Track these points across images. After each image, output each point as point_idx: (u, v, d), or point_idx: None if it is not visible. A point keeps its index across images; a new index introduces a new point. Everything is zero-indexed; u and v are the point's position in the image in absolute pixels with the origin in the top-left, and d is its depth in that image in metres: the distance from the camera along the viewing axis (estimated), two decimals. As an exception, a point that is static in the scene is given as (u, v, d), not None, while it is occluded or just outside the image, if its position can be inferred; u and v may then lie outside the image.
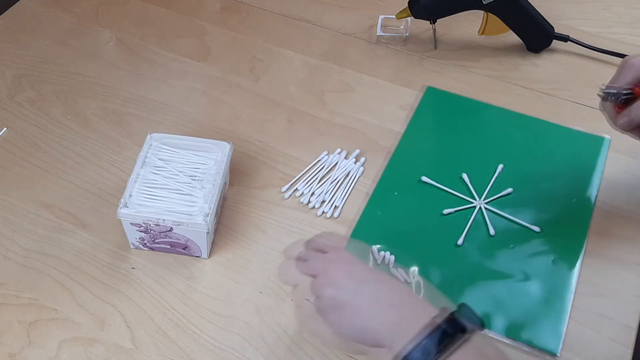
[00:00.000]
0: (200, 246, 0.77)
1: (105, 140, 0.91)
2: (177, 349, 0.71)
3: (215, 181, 0.77)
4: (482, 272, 0.76)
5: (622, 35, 1.02)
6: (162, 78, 0.99)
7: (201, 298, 0.75)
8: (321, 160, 0.87)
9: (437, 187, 0.84)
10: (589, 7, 1.07)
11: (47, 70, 1.00)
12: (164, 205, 0.74)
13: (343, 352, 0.69)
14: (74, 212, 0.83)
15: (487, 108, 0.93)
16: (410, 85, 0.96)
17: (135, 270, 0.78)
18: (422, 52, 1.01)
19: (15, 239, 0.81)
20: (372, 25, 1.05)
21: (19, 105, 0.96)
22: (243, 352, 0.71)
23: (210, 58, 1.02)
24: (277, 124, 0.93)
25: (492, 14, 0.95)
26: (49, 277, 0.77)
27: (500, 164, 0.85)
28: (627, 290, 0.74)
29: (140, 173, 0.77)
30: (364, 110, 0.94)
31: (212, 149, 0.80)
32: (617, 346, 0.70)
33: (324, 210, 0.82)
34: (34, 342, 0.72)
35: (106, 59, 1.02)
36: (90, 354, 0.71)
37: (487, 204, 0.82)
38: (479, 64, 0.99)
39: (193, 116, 0.94)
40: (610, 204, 0.81)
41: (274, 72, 0.99)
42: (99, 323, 0.73)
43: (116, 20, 1.08)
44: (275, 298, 0.75)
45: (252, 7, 1.10)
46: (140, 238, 0.77)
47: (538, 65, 0.99)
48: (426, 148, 0.89)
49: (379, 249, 0.78)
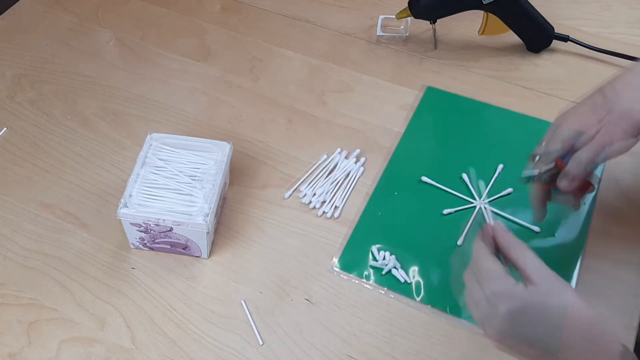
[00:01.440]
0: (200, 246, 0.77)
1: (105, 140, 0.91)
2: (177, 349, 0.71)
3: (215, 181, 0.77)
4: (482, 272, 0.76)
5: (622, 35, 1.02)
6: (162, 78, 0.99)
7: (201, 298, 0.75)
8: (322, 162, 0.87)
9: (437, 187, 0.84)
10: (589, 7, 1.07)
11: (47, 70, 1.00)
12: (164, 205, 0.74)
13: None
14: (74, 212, 0.83)
15: (487, 108, 0.93)
16: (410, 85, 0.96)
17: (135, 270, 0.78)
18: (422, 52, 1.01)
19: (15, 239, 0.81)
20: (372, 25, 1.05)
21: (19, 105, 0.96)
22: (243, 352, 0.71)
23: (210, 58, 1.02)
24: (277, 124, 0.93)
25: (492, 14, 0.95)
26: (49, 277, 0.77)
27: (500, 164, 0.85)
28: (627, 290, 0.74)
29: (140, 173, 0.77)
30: (364, 110, 0.94)
31: (212, 149, 0.80)
32: (617, 346, 0.70)
33: (325, 210, 0.82)
34: (34, 342, 0.72)
35: (106, 59, 1.02)
36: (90, 354, 0.71)
37: (487, 204, 0.82)
38: (479, 64, 0.99)
39: (193, 116, 0.94)
40: (610, 204, 0.81)
41: (274, 72, 0.99)
42: (99, 323, 0.73)
43: (116, 20, 1.08)
44: (275, 298, 0.75)
45: (252, 7, 1.10)
46: (140, 238, 0.77)
47: (538, 65, 0.99)
48: (426, 148, 0.89)
49: (379, 249, 0.78)
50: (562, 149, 0.69)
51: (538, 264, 0.57)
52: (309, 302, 0.75)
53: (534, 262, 0.57)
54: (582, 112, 0.71)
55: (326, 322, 0.73)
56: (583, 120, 0.69)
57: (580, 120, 0.70)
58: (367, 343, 0.72)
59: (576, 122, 0.70)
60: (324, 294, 0.75)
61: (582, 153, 0.68)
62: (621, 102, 0.68)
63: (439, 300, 0.74)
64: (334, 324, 0.73)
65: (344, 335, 0.72)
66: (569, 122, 0.70)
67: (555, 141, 0.70)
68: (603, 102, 0.69)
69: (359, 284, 0.76)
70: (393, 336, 0.72)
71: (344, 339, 0.72)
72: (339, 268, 0.77)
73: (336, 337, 0.72)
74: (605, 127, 0.68)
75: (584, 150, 0.67)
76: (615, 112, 0.68)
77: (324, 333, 0.72)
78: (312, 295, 0.75)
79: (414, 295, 0.74)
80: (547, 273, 0.56)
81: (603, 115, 0.68)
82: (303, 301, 0.75)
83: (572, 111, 0.72)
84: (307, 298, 0.75)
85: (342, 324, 0.73)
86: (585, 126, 0.69)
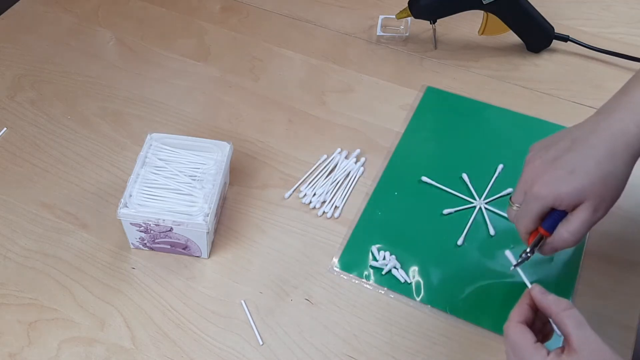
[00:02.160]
0: (200, 246, 0.77)
1: (105, 140, 0.91)
2: (177, 349, 0.71)
3: (215, 181, 0.77)
4: (482, 272, 0.76)
5: (622, 35, 1.02)
6: (162, 78, 0.99)
7: (201, 298, 0.75)
8: (322, 162, 0.87)
9: (437, 187, 0.84)
10: (589, 7, 1.07)
11: (47, 70, 1.00)
12: (164, 205, 0.74)
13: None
14: (74, 212, 0.83)
15: (487, 108, 0.93)
16: (410, 85, 0.96)
17: (135, 270, 0.78)
18: (422, 52, 1.01)
19: (15, 239, 0.81)
20: (372, 25, 1.05)
21: (19, 105, 0.96)
22: (243, 352, 0.71)
23: (210, 58, 1.02)
24: (277, 124, 0.93)
25: (492, 14, 0.95)
26: (49, 277, 0.77)
27: (500, 164, 0.85)
28: (627, 290, 0.74)
29: (140, 173, 0.77)
30: (364, 110, 0.94)
31: (212, 149, 0.80)
32: (617, 346, 0.70)
33: (325, 211, 0.82)
34: (34, 342, 0.72)
35: (106, 59, 1.02)
36: (90, 354, 0.71)
37: (487, 204, 0.82)
38: (479, 64, 0.99)
39: (193, 116, 0.94)
40: (610, 204, 0.82)
41: (274, 72, 0.99)
42: (99, 323, 0.73)
43: (116, 20, 1.08)
44: (275, 298, 0.75)
45: (252, 7, 1.10)
46: (140, 238, 0.77)
47: (538, 65, 0.99)
48: (426, 148, 0.89)
49: (379, 249, 0.78)
50: (539, 214, 0.65)
51: (581, 331, 0.55)
52: (309, 302, 0.75)
53: (576, 327, 0.55)
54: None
55: (326, 322, 0.73)
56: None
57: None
58: (367, 343, 0.72)
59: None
60: (324, 294, 0.75)
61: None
62: None
63: (439, 300, 0.74)
64: (334, 324, 0.73)
65: (344, 335, 0.72)
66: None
67: (534, 204, 0.65)
68: None
69: (359, 284, 0.76)
70: (393, 336, 0.72)
71: (344, 339, 0.72)
72: (339, 268, 0.77)
73: (336, 337, 0.72)
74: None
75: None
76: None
77: (324, 333, 0.72)
78: (312, 295, 0.75)
79: (414, 295, 0.75)
80: (589, 339, 0.55)
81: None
82: (303, 301, 0.75)
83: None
84: (307, 298, 0.75)
85: (342, 324, 0.73)
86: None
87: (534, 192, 0.64)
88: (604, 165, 0.62)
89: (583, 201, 0.62)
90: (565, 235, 0.64)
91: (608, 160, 0.62)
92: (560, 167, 0.63)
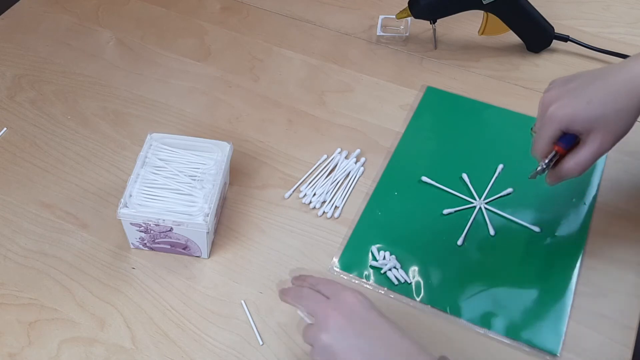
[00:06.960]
0: (200, 246, 0.77)
1: (105, 140, 0.91)
2: (177, 349, 0.71)
3: (215, 181, 0.77)
4: (482, 272, 0.76)
5: (622, 35, 1.02)
6: (162, 78, 0.99)
7: (201, 298, 0.75)
8: (322, 162, 0.87)
9: (437, 187, 0.84)
10: (589, 7, 1.07)
11: (47, 70, 1.00)
12: (164, 205, 0.74)
13: None
14: (74, 212, 0.83)
15: (487, 108, 0.93)
16: (410, 85, 0.96)
17: (135, 270, 0.78)
18: (422, 52, 1.01)
19: (15, 239, 0.81)
20: (372, 25, 1.05)
21: (19, 105, 0.96)
22: (243, 352, 0.71)
23: (210, 58, 1.02)
24: (277, 124, 0.93)
25: (492, 14, 0.95)
26: (49, 277, 0.77)
27: (500, 164, 0.85)
28: (627, 290, 0.75)
29: (140, 173, 0.77)
30: (364, 110, 0.94)
31: (212, 149, 0.80)
32: (617, 346, 0.70)
33: (325, 211, 0.82)
34: (34, 342, 0.72)
35: (106, 59, 1.02)
36: (90, 354, 0.71)
37: (487, 204, 0.82)
38: (479, 64, 0.99)
39: (193, 116, 0.94)
40: (610, 204, 0.82)
41: (274, 72, 1.00)
42: (99, 323, 0.73)
43: (116, 20, 1.08)
44: (275, 298, 0.75)
45: (252, 7, 1.10)
46: (140, 238, 0.77)
47: (538, 65, 0.99)
48: (426, 148, 0.89)
49: (379, 249, 0.78)
50: (553, 136, 0.69)
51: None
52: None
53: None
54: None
55: (326, 322, 0.73)
56: None
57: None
58: (367, 343, 0.71)
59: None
60: (324, 294, 0.75)
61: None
62: None
63: (439, 300, 0.74)
64: (334, 324, 0.73)
65: (344, 335, 0.72)
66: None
67: (549, 126, 0.70)
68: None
69: (359, 284, 0.76)
70: (393, 336, 0.72)
71: (344, 339, 0.72)
72: (339, 268, 0.77)
73: (336, 337, 0.72)
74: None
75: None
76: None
77: (324, 333, 0.72)
78: (312, 295, 0.75)
79: (414, 295, 0.74)
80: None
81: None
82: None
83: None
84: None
85: (342, 324, 0.73)
86: None
87: (549, 114, 0.68)
88: (620, 100, 0.65)
89: (594, 130, 0.66)
90: (572, 165, 0.68)
91: (624, 96, 0.65)
92: (579, 96, 0.67)
